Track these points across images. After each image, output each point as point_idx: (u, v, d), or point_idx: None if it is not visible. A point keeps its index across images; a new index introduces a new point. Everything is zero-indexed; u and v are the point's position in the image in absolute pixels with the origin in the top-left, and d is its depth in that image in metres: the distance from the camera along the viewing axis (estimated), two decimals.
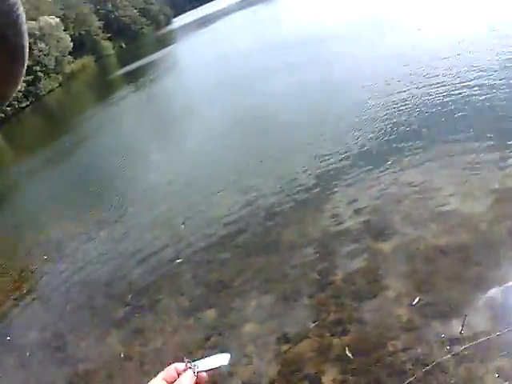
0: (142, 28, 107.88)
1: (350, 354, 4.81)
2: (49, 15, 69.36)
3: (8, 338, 8.09)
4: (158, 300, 7.17)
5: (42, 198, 15.75)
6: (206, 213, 9.28)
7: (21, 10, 0.61)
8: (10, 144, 35.51)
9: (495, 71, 10.24)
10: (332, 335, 5.15)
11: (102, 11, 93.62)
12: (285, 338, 5.40)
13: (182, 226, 9.02)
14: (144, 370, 5.87)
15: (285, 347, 5.28)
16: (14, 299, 9.35)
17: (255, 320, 5.89)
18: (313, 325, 5.40)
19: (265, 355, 5.29)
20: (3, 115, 51.21)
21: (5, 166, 25.45)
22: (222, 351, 1.18)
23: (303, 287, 6.12)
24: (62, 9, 77.43)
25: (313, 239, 7.04)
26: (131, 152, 16.03)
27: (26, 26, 0.64)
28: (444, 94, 10.14)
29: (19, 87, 0.71)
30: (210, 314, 6.37)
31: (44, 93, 61.88)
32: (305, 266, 6.52)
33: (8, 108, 52.39)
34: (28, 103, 57.56)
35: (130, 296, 7.52)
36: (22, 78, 0.69)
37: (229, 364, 1.09)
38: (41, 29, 66.20)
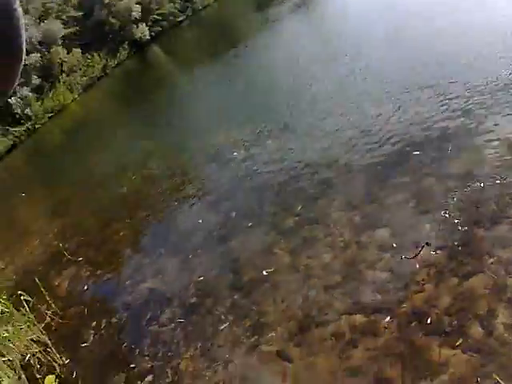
0: None
1: None
2: None
3: (172, 236, 8.44)
4: (328, 213, 6.77)
5: (204, 107, 15.83)
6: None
7: (18, 5, 0.62)
8: (169, 56, 36.80)
9: None
10: (508, 274, 4.51)
11: None
12: (459, 270, 4.85)
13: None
14: (309, 284, 5.64)
15: (456, 280, 4.75)
16: (180, 199, 9.74)
17: (430, 246, 5.35)
18: (490, 260, 4.77)
19: (437, 285, 4.79)
20: (160, 28, 53.27)
21: (167, 76, 26.31)
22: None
23: (481, 215, 5.45)
24: None
25: None
26: (298, 64, 15.27)
27: (23, 22, 0.64)
28: None
29: (16, 83, 0.71)
30: (384, 233, 5.92)
31: (200, 7, 62.77)
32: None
33: (164, 22, 54.38)
34: (184, 17, 58.96)
35: (299, 206, 7.22)
36: (19, 75, 0.69)
37: None
38: None
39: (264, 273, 6.18)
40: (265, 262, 6.41)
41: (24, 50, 0.66)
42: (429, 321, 4.43)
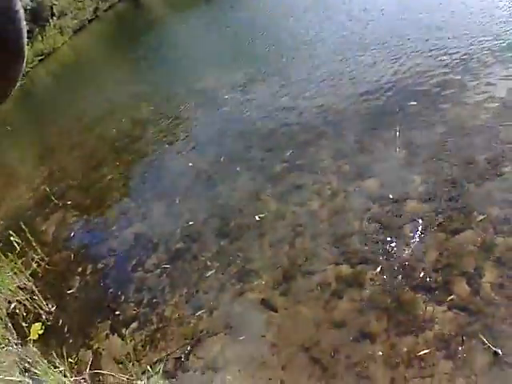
0: None
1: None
2: None
3: (160, 181, 8.30)
4: (318, 160, 6.62)
5: (197, 50, 15.47)
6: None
7: (19, 6, 0.61)
8: None
9: None
10: (497, 233, 4.40)
11: None
12: (447, 226, 4.73)
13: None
14: (296, 231, 5.57)
15: (444, 235, 4.64)
16: (168, 143, 9.58)
17: (419, 199, 5.22)
18: (480, 217, 4.64)
19: (424, 239, 4.69)
20: None
21: (159, 19, 25.71)
22: None
23: (472, 171, 5.29)
24: None
25: None
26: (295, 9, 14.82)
27: (24, 22, 0.63)
28: None
29: (18, 84, 0.69)
30: (373, 183, 5.78)
31: None
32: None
33: None
34: None
35: (288, 152, 7.07)
36: (21, 76, 0.68)
37: None
38: None
39: (256, 218, 6.07)
40: (252, 208, 6.31)
41: (26, 51, 0.66)
42: (415, 275, 4.35)
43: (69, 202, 9.19)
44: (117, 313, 5.82)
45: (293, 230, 5.62)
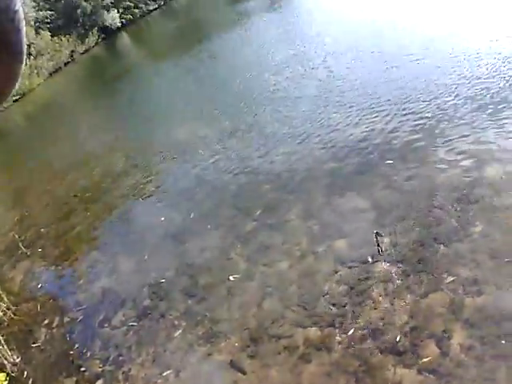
0: None
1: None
2: None
3: (129, 235, 8.33)
4: (287, 221, 6.76)
5: (171, 100, 15.77)
6: None
7: (19, 6, 0.61)
8: (138, 45, 36.44)
9: None
10: (466, 294, 4.56)
11: None
12: (416, 288, 4.87)
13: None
14: (265, 292, 5.63)
15: (413, 297, 4.76)
16: (139, 196, 9.63)
17: (388, 261, 5.36)
18: (449, 278, 4.79)
19: (393, 302, 4.81)
20: (131, 17, 52.88)
21: (134, 66, 26.05)
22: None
23: (441, 232, 5.49)
24: None
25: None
26: (261, 63, 15.28)
27: (24, 22, 0.63)
28: None
29: (18, 85, 0.69)
30: (342, 244, 5.91)
31: None
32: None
33: (136, 10, 53.99)
34: (156, 6, 58.46)
35: (258, 211, 7.20)
36: (20, 77, 0.68)
37: None
38: None
39: (226, 278, 6.12)
40: (221, 268, 6.37)
41: (25, 53, 0.66)
42: (384, 338, 4.45)
43: (38, 251, 9.13)
44: (82, 369, 5.77)
45: (261, 290, 5.68)
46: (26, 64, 37.85)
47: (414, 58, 10.54)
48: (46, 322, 6.98)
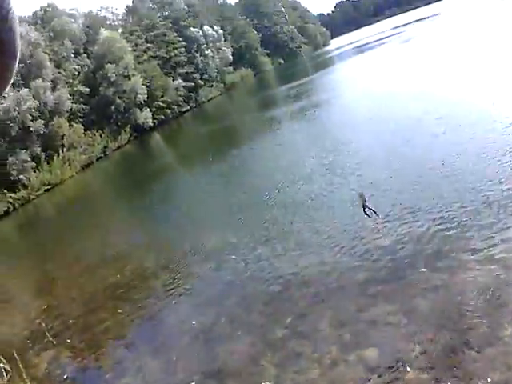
0: (300, 47, 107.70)
1: None
2: (208, 25, 72.59)
3: (158, 335, 8.36)
4: (318, 329, 6.84)
5: (202, 204, 16.12)
6: None
7: (11, 6, 0.63)
8: (169, 146, 37.66)
9: None
10: None
11: (259, 26, 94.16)
12: None
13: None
14: None
15: None
16: (170, 298, 9.72)
17: (418, 369, 5.37)
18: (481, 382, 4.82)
19: None
20: (163, 117, 54.87)
21: (166, 166, 26.81)
22: None
23: (472, 336, 5.52)
24: (218, 20, 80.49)
25: None
26: (293, 171, 15.60)
27: (17, 21, 0.65)
28: None
29: (11, 82, 0.71)
30: (372, 353, 5.97)
31: (205, 100, 65.06)
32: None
33: (168, 111, 56.12)
34: (188, 108, 60.97)
35: (289, 319, 7.29)
36: (14, 74, 0.70)
37: None
38: (205, 37, 69.91)
39: None
40: (251, 374, 6.41)
41: (19, 49, 0.68)
42: None
43: (65, 341, 9.22)
44: None
45: None
46: (59, 155, 39.14)
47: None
48: None
